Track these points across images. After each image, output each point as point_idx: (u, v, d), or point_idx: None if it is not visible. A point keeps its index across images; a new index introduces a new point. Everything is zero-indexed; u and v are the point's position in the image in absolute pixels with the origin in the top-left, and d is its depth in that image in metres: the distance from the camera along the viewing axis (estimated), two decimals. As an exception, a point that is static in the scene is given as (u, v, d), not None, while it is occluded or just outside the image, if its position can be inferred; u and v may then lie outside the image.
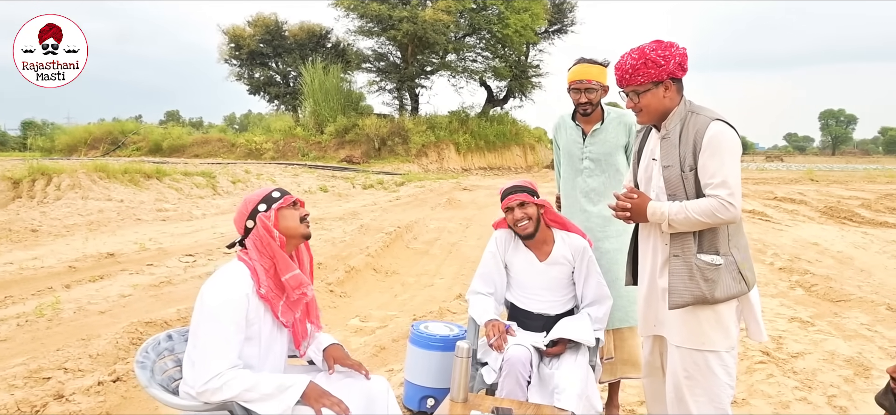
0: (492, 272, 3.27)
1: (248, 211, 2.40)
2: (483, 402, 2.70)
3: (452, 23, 31.88)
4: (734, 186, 2.39)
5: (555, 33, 39.31)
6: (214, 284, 2.31)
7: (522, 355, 2.86)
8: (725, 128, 2.43)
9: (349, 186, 19.55)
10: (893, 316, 5.43)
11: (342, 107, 34.03)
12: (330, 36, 39.56)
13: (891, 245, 9.21)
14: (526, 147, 37.83)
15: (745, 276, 2.49)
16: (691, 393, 2.57)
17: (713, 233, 2.47)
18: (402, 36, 31.02)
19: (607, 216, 3.51)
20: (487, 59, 36.08)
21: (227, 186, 17.65)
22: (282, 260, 2.40)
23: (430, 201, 15.99)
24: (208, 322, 2.25)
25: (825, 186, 23.03)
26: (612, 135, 3.54)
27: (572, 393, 2.75)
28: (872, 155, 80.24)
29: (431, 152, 31.41)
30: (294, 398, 2.23)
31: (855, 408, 3.76)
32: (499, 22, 32.30)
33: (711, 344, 2.52)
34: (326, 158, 30.89)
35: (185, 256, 8.04)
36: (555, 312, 3.20)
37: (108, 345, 4.26)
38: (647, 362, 2.90)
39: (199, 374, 2.21)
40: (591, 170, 3.56)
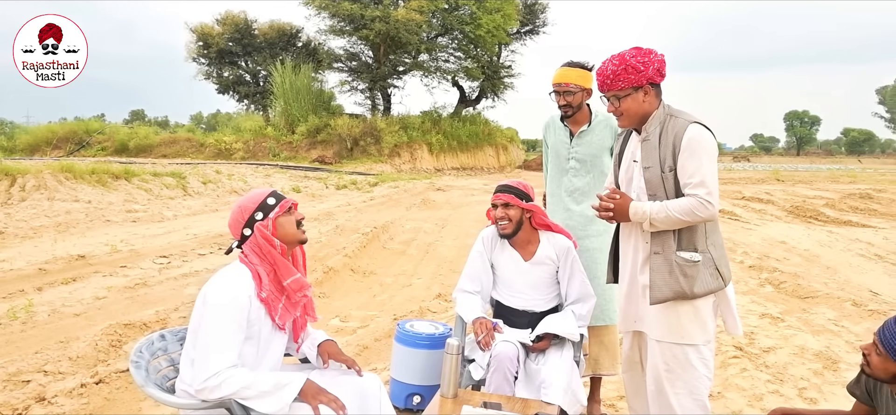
0: (478, 271, 3.32)
1: (245, 219, 2.42)
2: (472, 397, 2.76)
3: (425, 23, 31.89)
4: (712, 185, 2.48)
5: (527, 34, 39.60)
6: (218, 285, 2.34)
7: (510, 351, 2.92)
8: (703, 130, 2.53)
9: (322, 186, 19.44)
10: (859, 311, 5.63)
11: (313, 107, 33.81)
12: (300, 35, 39.29)
13: (854, 243, 9.52)
14: (498, 147, 38.01)
15: (722, 272, 2.60)
16: (671, 385, 2.67)
17: (691, 231, 2.57)
18: (375, 35, 30.91)
19: (590, 216, 3.61)
20: (460, 59, 36.15)
21: (197, 187, 17.40)
22: (282, 265, 2.44)
23: (404, 202, 16.00)
24: (210, 322, 2.27)
25: (791, 185, 23.64)
26: (598, 137, 3.62)
27: (558, 388, 2.81)
28: (835, 155, 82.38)
29: (404, 153, 31.37)
30: (291, 395, 2.26)
31: (825, 400, 3.90)
32: (471, 22, 32.39)
33: (690, 338, 2.62)
34: (298, 158, 30.65)
35: (159, 258, 7.94)
36: (539, 309, 3.26)
37: (88, 347, 4.21)
38: (627, 357, 2.99)
39: (199, 372, 2.23)
40: (576, 170, 3.64)
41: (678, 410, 2.66)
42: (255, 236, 2.41)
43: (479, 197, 17.78)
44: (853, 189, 20.14)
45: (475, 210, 14.41)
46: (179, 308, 5.39)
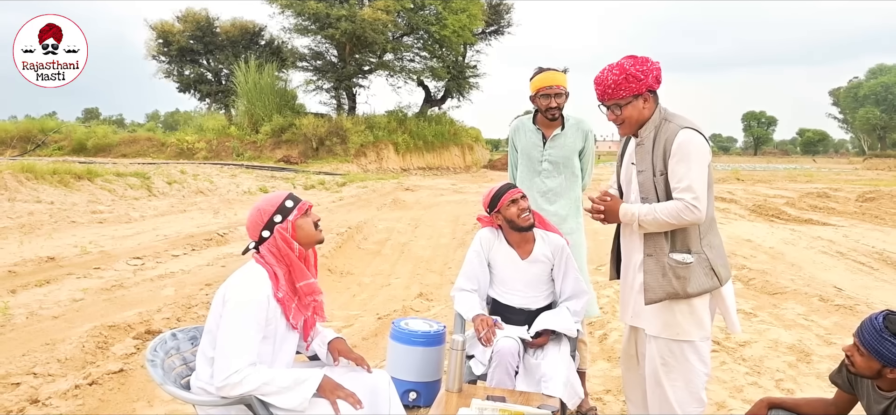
0: (476, 270, 3.39)
1: (264, 221, 2.47)
2: (476, 391, 2.83)
3: (391, 22, 31.84)
4: (699, 189, 2.56)
5: (491, 34, 39.88)
6: (237, 285, 2.39)
7: (511, 346, 3.00)
8: (694, 135, 2.61)
9: (290, 186, 19.26)
10: (826, 306, 5.88)
11: (278, 106, 33.43)
12: (263, 33, 38.85)
13: (816, 241, 9.90)
14: (464, 147, 38.19)
15: (718, 272, 2.67)
16: (668, 379, 2.76)
17: (685, 233, 2.65)
18: (341, 34, 30.73)
19: (563, 215, 3.79)
20: (425, 59, 36.21)
21: (162, 188, 17.10)
22: (298, 268, 2.50)
23: (374, 202, 15.99)
24: (231, 321, 2.32)
25: (751, 185, 24.36)
26: (570, 139, 3.78)
27: (558, 381, 2.91)
28: (791, 155, 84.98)
29: (370, 152, 31.29)
30: (311, 391, 2.32)
31: (801, 390, 4.09)
32: (437, 22, 32.47)
33: (686, 335, 2.71)
34: (262, 158, 30.31)
35: (133, 259, 7.81)
36: (535, 306, 3.35)
37: (75, 349, 4.15)
38: (624, 351, 3.09)
39: (220, 369, 2.27)
40: (549, 171, 3.78)
41: (675, 403, 2.75)
42: (273, 238, 2.46)
43: (448, 197, 17.88)
44: (811, 188, 20.87)
45: (445, 210, 14.49)
46: (162, 310, 5.33)
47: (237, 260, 8.02)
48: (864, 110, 62.14)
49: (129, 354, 4.27)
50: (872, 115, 61.29)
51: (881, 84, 61.10)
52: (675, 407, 2.75)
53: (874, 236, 10.38)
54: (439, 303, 6.22)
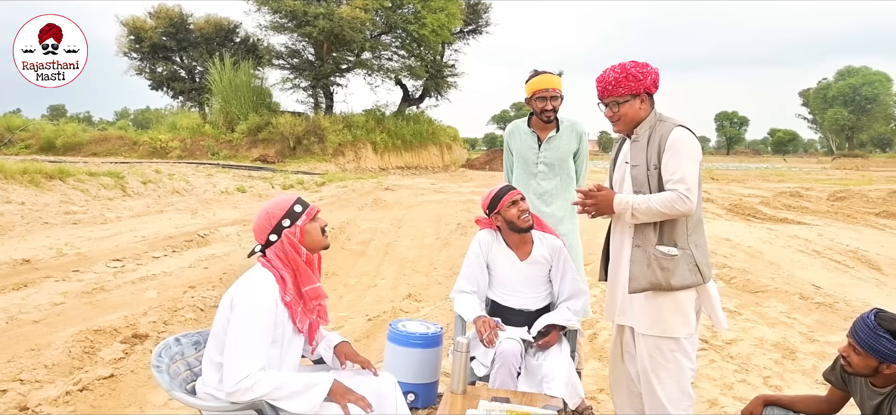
0: (475, 272, 3.40)
1: (272, 225, 2.46)
2: (480, 392, 2.84)
3: (369, 20, 31.69)
4: (691, 182, 2.69)
5: (470, 33, 39.94)
6: (246, 289, 2.38)
7: (514, 348, 3.01)
8: (686, 133, 2.75)
9: (268, 186, 19.10)
10: (806, 304, 6.00)
11: (254, 104, 33.07)
12: (239, 30, 38.40)
13: (793, 240, 10.09)
14: (443, 146, 38.18)
15: (702, 269, 2.77)
16: (657, 376, 2.85)
17: (672, 227, 2.75)
18: (318, 32, 30.49)
19: (559, 216, 3.85)
20: (403, 58, 36.12)
21: (137, 187, 16.80)
22: (305, 272, 2.50)
23: (355, 202, 15.91)
24: (240, 326, 2.30)
25: (725, 184, 24.76)
26: (565, 141, 3.84)
27: (560, 381, 2.94)
28: (762, 154, 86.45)
29: (348, 152, 31.11)
30: (322, 395, 2.32)
31: (788, 387, 4.17)
32: (415, 21, 32.40)
33: (672, 331, 2.80)
34: (238, 157, 29.96)
35: (113, 262, 7.66)
36: (534, 307, 3.37)
37: (61, 354, 4.06)
38: (612, 350, 3.17)
39: (230, 375, 2.26)
40: (544, 173, 3.84)
41: (665, 401, 2.84)
42: (281, 243, 2.45)
43: (429, 197, 17.87)
44: (784, 187, 21.27)
45: (427, 210, 14.48)
46: (147, 313, 5.24)
47: (219, 262, 7.93)
48: (833, 111, 63.50)
49: (118, 358, 4.19)
50: (841, 115, 62.68)
51: (849, 85, 62.49)
52: (666, 404, 2.84)
53: (848, 235, 10.62)
54: (429, 304, 6.22)
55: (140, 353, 4.28)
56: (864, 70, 64.04)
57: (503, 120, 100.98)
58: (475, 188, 21.54)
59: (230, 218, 12.36)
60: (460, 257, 8.68)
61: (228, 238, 9.72)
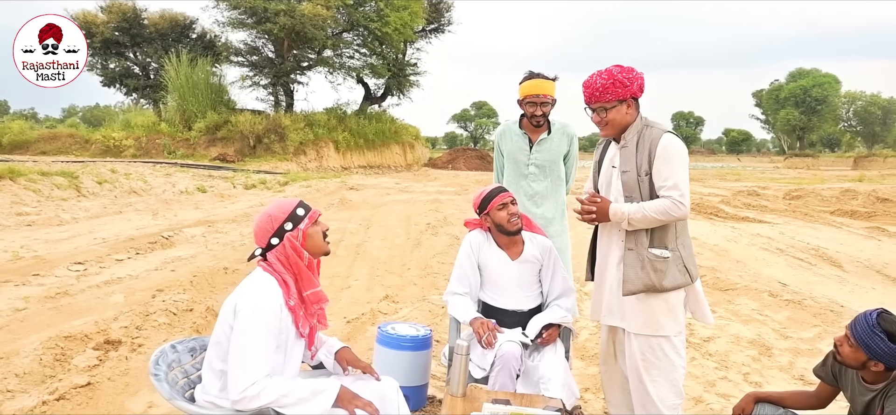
0: (467, 273, 3.38)
1: (274, 228, 2.41)
2: (480, 394, 2.82)
3: (331, 18, 31.35)
4: (684, 187, 2.75)
5: (432, 32, 39.90)
6: (249, 295, 2.32)
7: (515, 350, 3.01)
8: (675, 139, 2.82)
9: (229, 186, 18.70)
10: (776, 302, 6.15)
11: (212, 102, 32.36)
12: (195, 26, 37.58)
13: (756, 238, 10.37)
14: (405, 145, 38.05)
15: (689, 269, 2.85)
16: (649, 375, 2.90)
17: (663, 231, 2.81)
18: (279, 29, 30.02)
19: (549, 218, 3.88)
20: (365, 56, 35.86)
21: (92, 188, 16.23)
22: (306, 276, 2.46)
23: (320, 202, 15.71)
24: (245, 332, 2.25)
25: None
26: (556, 144, 3.86)
27: (557, 382, 2.95)
28: (717, 154, 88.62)
29: (310, 151, 30.72)
30: (330, 401, 2.28)
31: (767, 382, 4.27)
32: (378, 19, 32.20)
33: (664, 330, 2.86)
34: (196, 156, 29.29)
35: (74, 265, 7.38)
36: (527, 307, 3.37)
37: (32, 363, 3.88)
38: (603, 350, 3.20)
39: (236, 382, 2.20)
40: (535, 175, 3.85)
41: (656, 399, 2.90)
42: (283, 246, 2.41)
43: (395, 196, 17.79)
44: (741, 187, 21.84)
45: (395, 210, 14.40)
46: (118, 318, 5.06)
47: (186, 264, 7.72)
48: (785, 112, 65.56)
49: (93, 366, 4.03)
50: (792, 116, 64.75)
51: (800, 87, 64.53)
52: (657, 402, 2.90)
53: (807, 233, 10.96)
54: (406, 305, 6.16)
55: (115, 359, 4.13)
56: (815, 72, 66.12)
57: (464, 119, 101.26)
58: (441, 188, 21.55)
59: (193, 219, 12.07)
60: (433, 258, 8.69)
61: (194, 240, 9.48)
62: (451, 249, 9.27)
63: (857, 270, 7.86)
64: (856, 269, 7.90)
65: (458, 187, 21.73)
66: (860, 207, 13.81)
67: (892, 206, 13.55)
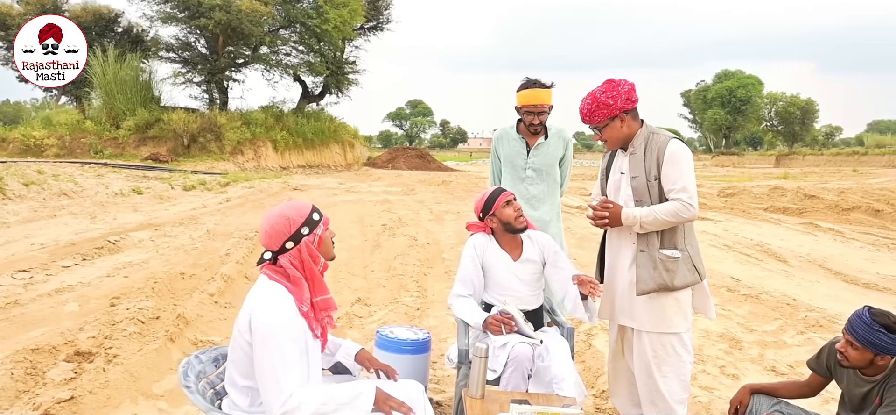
0: (471, 275, 3.41)
1: (291, 232, 2.36)
2: (499, 396, 2.84)
3: (269, 14, 30.61)
4: (692, 190, 2.88)
5: (371, 30, 39.59)
6: (264, 308, 2.25)
7: (527, 351, 3.05)
8: (681, 144, 2.95)
9: (167, 187, 17.99)
10: (735, 297, 6.44)
11: (142, 99, 31.01)
12: (121, 20, 35.93)
13: (703, 235, 10.76)
14: (345, 145, 37.55)
15: (698, 268, 3.00)
16: (659, 371, 3.02)
17: (672, 232, 2.94)
18: (214, 25, 29.08)
19: (546, 220, 4.00)
20: (303, 53, 35.20)
21: (18, 190, 15.22)
22: (319, 282, 2.43)
23: (266, 203, 15.34)
24: (268, 347, 2.20)
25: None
26: (552, 148, 3.98)
27: (570, 382, 3.01)
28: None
29: (248, 150, 29.91)
30: (369, 404, 2.27)
31: (743, 375, 4.46)
32: (317, 16, 31.65)
33: (674, 327, 2.99)
34: (126, 155, 28.02)
35: (19, 273, 6.96)
36: (531, 307, 3.42)
37: (3, 377, 3.68)
38: (612, 348, 3.31)
39: (273, 399, 2.16)
40: (533, 178, 3.95)
41: (666, 394, 3.02)
42: (298, 251, 2.37)
43: (342, 197, 17.56)
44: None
45: (345, 211, 14.22)
46: (84, 328, 4.82)
47: (140, 270, 7.39)
48: (712, 111, 68.46)
49: (70, 378, 3.83)
50: (718, 116, 67.70)
51: (726, 88, 67.47)
52: (666, 396, 3.03)
53: (749, 229, 11.51)
54: (380, 307, 6.12)
55: (92, 372, 3.92)
56: (739, 73, 69.28)
57: (399, 118, 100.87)
58: (387, 188, 21.42)
59: (134, 222, 11.57)
60: (394, 259, 8.65)
61: (142, 244, 9.08)
62: (411, 251, 9.26)
63: (801, 264, 8.33)
64: (799, 263, 8.37)
65: (405, 187, 21.66)
66: (791, 204, 14.63)
67: (819, 202, 14.43)
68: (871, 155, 55.24)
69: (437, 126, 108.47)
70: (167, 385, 4.15)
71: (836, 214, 13.58)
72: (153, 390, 4.04)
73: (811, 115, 67.41)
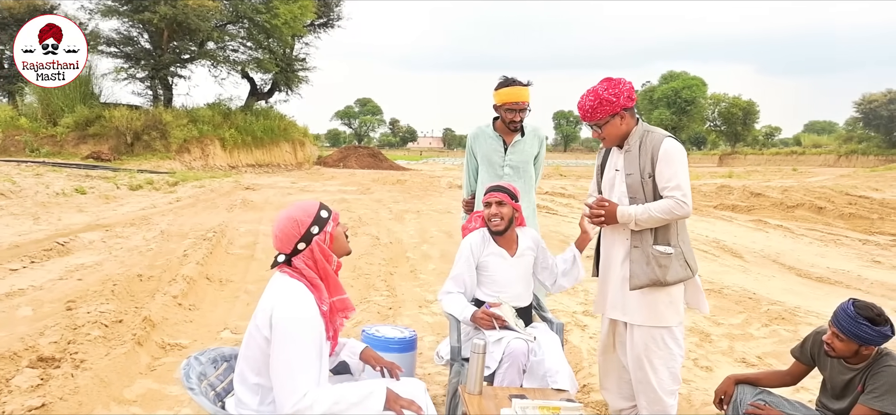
0: (464, 274, 3.42)
1: (301, 232, 2.33)
2: (496, 393, 2.85)
3: (216, 9, 29.82)
4: (686, 188, 2.93)
5: (321, 27, 39.07)
6: (285, 305, 2.22)
7: (523, 347, 3.07)
8: (675, 143, 3.00)
9: (112, 186, 17.30)
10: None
11: (81, 96, 29.74)
12: (57, 12, 34.41)
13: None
14: (295, 143, 36.90)
15: (690, 264, 3.05)
16: (650, 363, 3.07)
17: (665, 228, 2.99)
18: (159, 19, 28.14)
19: (524, 216, 3.96)
20: (251, 49, 34.44)
21: (-49, 189, 14.50)
22: (334, 282, 2.41)
23: (220, 203, 14.97)
24: (289, 343, 2.16)
25: (574, 180, 26.49)
26: (529, 146, 4.03)
27: (565, 375, 3.06)
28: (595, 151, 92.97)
29: (195, 148, 29.04)
30: (381, 404, 2.25)
31: (716, 367, 4.60)
32: (267, 11, 31.01)
33: (665, 321, 3.04)
34: (64, 154, 26.84)
35: (-28, 277, 6.58)
36: (523, 304, 3.44)
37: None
38: (603, 341, 3.35)
39: (286, 397, 2.12)
40: (510, 176, 4.00)
41: (656, 386, 3.08)
42: (311, 251, 2.34)
43: (297, 196, 17.29)
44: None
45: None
46: (44, 333, 4.59)
47: (94, 272, 7.09)
48: (658, 112, 70.18)
49: (37, 385, 3.65)
50: (664, 116, 69.48)
51: (671, 88, 69.28)
52: (657, 388, 3.08)
53: (703, 226, 11.85)
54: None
55: (60, 378, 3.74)
56: (684, 75, 71.11)
57: (348, 116, 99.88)
58: (342, 187, 21.20)
59: (81, 223, 11.09)
60: (359, 259, 8.55)
61: (93, 246, 8.72)
62: (374, 250, 9.18)
63: (756, 259, 8.63)
64: (754, 259, 8.67)
65: (360, 187, 21.47)
66: (738, 202, 15.15)
67: (765, 200, 15.00)
68: (809, 154, 57.90)
69: (386, 125, 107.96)
70: (139, 390, 4.01)
71: (782, 211, 14.14)
72: (125, 395, 3.89)
73: (752, 115, 69.79)
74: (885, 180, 24.38)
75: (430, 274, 7.80)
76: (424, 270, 8.04)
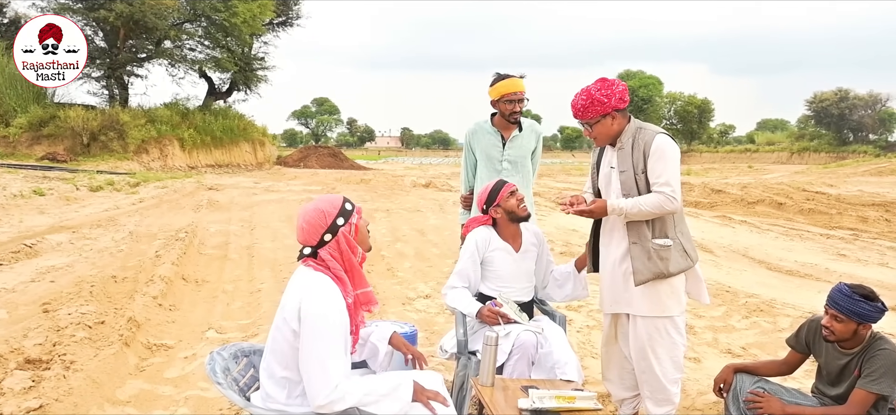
0: (469, 270, 3.45)
1: (327, 224, 2.36)
2: (509, 384, 2.90)
3: (173, 7, 29.17)
4: (675, 183, 3.03)
5: (280, 26, 38.58)
6: (313, 298, 2.25)
7: (531, 339, 3.14)
8: (667, 139, 3.08)
9: (71, 187, 16.77)
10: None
11: (34, 95, 28.75)
12: (6, 10, 33.27)
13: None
14: (255, 143, 36.30)
15: (690, 253, 3.15)
16: (654, 353, 3.17)
17: (663, 222, 3.09)
18: (115, 18, 27.38)
19: None
20: (209, 48, 33.79)
21: None
22: (359, 275, 2.45)
23: (184, 204, 14.69)
24: (316, 336, 2.20)
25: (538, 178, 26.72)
26: (526, 141, 4.09)
27: (573, 366, 3.12)
28: (553, 150, 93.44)
29: (153, 149, 28.35)
30: (409, 394, 2.30)
31: (703, 358, 4.74)
32: (225, 9, 30.47)
33: (668, 311, 3.14)
34: (18, 155, 25.91)
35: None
36: (525, 299, 3.50)
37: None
38: (606, 334, 3.45)
39: (318, 389, 2.16)
40: (508, 171, 4.05)
41: (660, 375, 3.18)
42: (336, 242, 2.38)
43: (262, 196, 17.07)
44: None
45: (270, 210, 13.85)
46: (28, 335, 4.49)
47: (66, 274, 6.92)
48: (615, 109, 71.06)
49: (29, 387, 3.57)
50: (621, 113, 70.40)
51: (629, 87, 69.86)
52: (660, 377, 3.19)
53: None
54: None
55: (53, 379, 3.67)
56: (640, 74, 71.80)
57: (305, 116, 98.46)
58: (306, 186, 21.01)
59: (45, 224, 10.77)
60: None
61: (62, 247, 8.48)
62: (351, 248, 9.13)
63: (726, 254, 8.89)
64: (724, 253, 8.93)
65: (324, 186, 21.32)
66: (701, 199, 15.54)
67: (726, 196, 15.43)
68: (763, 152, 59.57)
69: (343, 124, 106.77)
70: (131, 390, 3.95)
71: (743, 208, 14.58)
72: (118, 396, 3.83)
73: (707, 114, 70.93)
74: (837, 176, 25.30)
75: (408, 272, 7.81)
76: (401, 267, 8.05)
